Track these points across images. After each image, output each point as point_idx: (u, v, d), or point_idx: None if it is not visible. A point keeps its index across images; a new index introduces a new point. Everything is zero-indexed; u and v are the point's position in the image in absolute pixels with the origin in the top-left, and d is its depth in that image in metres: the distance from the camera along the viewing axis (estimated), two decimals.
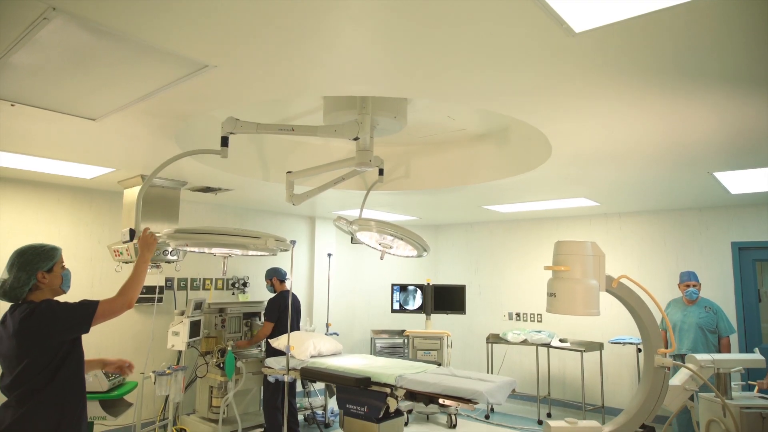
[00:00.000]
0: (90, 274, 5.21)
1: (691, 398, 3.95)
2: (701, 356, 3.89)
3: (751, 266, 5.63)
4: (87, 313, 2.23)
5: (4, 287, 2.23)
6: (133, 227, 2.59)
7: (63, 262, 2.40)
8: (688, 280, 5.05)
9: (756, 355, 3.98)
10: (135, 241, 2.61)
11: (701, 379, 3.53)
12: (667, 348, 3.33)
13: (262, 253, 3.20)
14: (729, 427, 3.55)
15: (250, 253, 3.22)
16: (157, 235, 2.63)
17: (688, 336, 4.94)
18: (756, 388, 4.06)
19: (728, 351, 4.73)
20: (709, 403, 3.79)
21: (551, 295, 3.15)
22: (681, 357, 4.96)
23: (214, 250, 3.23)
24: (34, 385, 2.13)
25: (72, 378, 2.23)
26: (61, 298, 2.34)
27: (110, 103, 2.73)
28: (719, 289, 5.61)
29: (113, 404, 3.79)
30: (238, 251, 3.21)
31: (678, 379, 3.70)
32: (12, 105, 2.72)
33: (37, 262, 2.27)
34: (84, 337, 5.03)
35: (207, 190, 5.24)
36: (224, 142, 2.91)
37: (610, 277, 3.22)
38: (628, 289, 3.31)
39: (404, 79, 2.38)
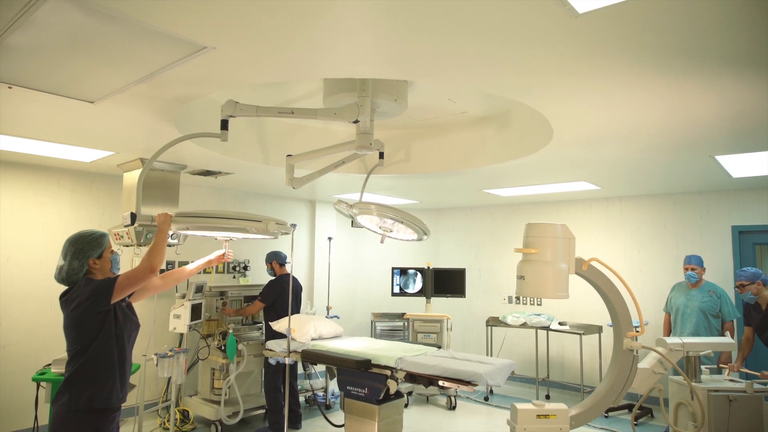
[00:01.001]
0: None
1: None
2: (671, 339, 3.90)
3: (751, 250, 5.64)
4: (106, 286, 2.36)
5: (61, 274, 2.45)
6: (133, 211, 2.64)
7: (111, 246, 2.57)
8: (688, 263, 5.04)
9: (726, 339, 4.00)
10: (136, 225, 2.66)
11: (669, 362, 3.54)
12: (637, 331, 3.31)
13: (263, 236, 3.21)
14: (696, 410, 3.58)
15: (251, 236, 3.23)
16: (147, 215, 2.72)
17: (690, 320, 4.95)
18: (726, 371, 4.09)
19: (732, 335, 4.73)
20: (678, 386, 3.82)
21: (520, 277, 3.14)
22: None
23: (215, 234, 3.24)
24: (75, 357, 2.34)
25: (102, 351, 2.36)
26: None
27: (108, 86, 2.71)
28: (719, 272, 5.62)
29: None
30: (239, 235, 3.22)
31: (647, 362, 3.71)
32: (9, 87, 2.70)
33: (88, 250, 2.45)
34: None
35: (207, 173, 5.23)
36: (224, 125, 2.90)
37: (580, 259, 3.20)
38: (598, 272, 3.29)
39: (405, 60, 2.36)
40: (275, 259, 5.33)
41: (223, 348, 5.02)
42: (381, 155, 3.83)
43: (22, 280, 4.79)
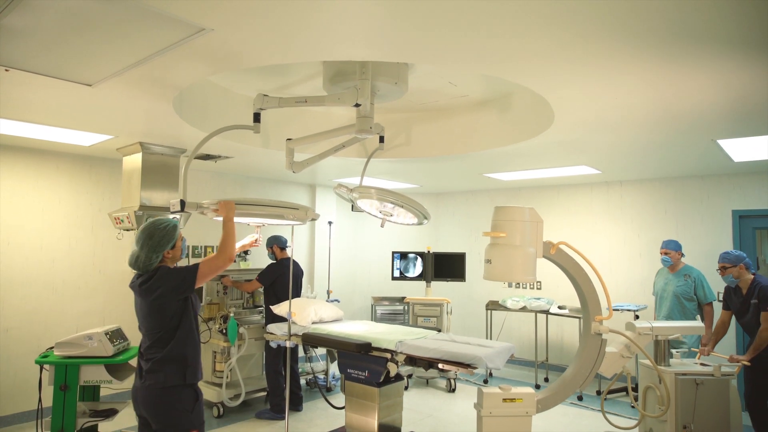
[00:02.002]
0: (92, 242, 5.23)
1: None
2: (640, 323, 3.91)
3: (751, 234, 5.64)
4: (189, 275, 2.56)
5: (137, 263, 2.57)
6: (181, 198, 2.72)
7: (181, 235, 2.74)
8: (663, 247, 5.05)
9: (695, 322, 4.02)
10: (184, 211, 2.75)
11: (637, 346, 3.56)
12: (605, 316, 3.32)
13: (297, 222, 3.37)
14: (663, 393, 3.61)
15: (284, 222, 3.39)
16: (194, 202, 2.82)
17: (665, 304, 5.00)
18: (698, 355, 4.11)
19: (710, 317, 4.72)
20: (647, 370, 3.85)
21: (487, 261, 3.13)
22: None
23: (254, 220, 3.35)
24: (160, 340, 2.55)
25: (189, 333, 2.61)
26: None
27: (106, 69, 2.69)
28: (718, 257, 5.63)
29: (118, 368, 3.86)
30: (275, 221, 3.36)
31: (615, 345, 3.73)
32: (6, 70, 2.67)
33: (165, 244, 2.61)
34: (88, 304, 5.07)
35: (207, 157, 5.21)
36: (256, 117, 2.96)
37: (548, 243, 3.19)
38: (567, 256, 3.28)
39: (405, 43, 2.33)
40: (276, 243, 5.34)
41: (224, 332, 5.05)
42: (381, 139, 3.81)
43: (23, 265, 4.80)
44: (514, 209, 3.10)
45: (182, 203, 2.68)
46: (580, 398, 5.63)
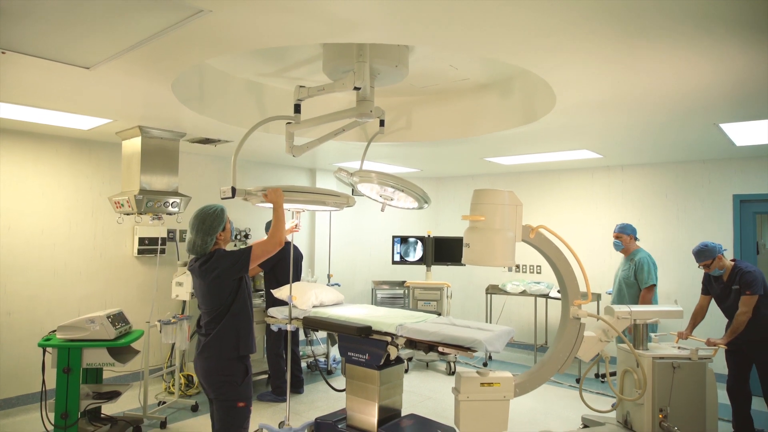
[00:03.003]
0: (92, 226, 5.23)
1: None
2: (618, 307, 3.93)
3: (751, 219, 5.63)
4: (244, 257, 2.78)
5: (195, 248, 2.80)
6: (232, 186, 2.89)
7: (228, 218, 2.95)
8: (615, 231, 5.03)
9: (674, 306, 4.03)
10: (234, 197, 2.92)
11: (614, 330, 3.57)
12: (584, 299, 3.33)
13: (335, 209, 3.51)
14: (640, 377, 3.64)
15: (324, 208, 3.56)
16: (242, 189, 3.00)
17: (614, 289, 5.08)
18: (676, 338, 4.13)
19: (648, 302, 4.70)
20: (625, 354, 3.87)
21: (466, 245, 3.11)
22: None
23: (296, 206, 3.50)
24: (217, 316, 2.78)
25: (242, 309, 2.83)
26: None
27: (104, 51, 2.66)
28: (718, 241, 5.63)
29: (120, 351, 3.89)
30: (315, 207, 3.51)
31: (593, 329, 3.74)
32: (3, 52, 2.65)
33: (217, 227, 2.83)
34: (90, 288, 5.10)
35: (206, 141, 5.19)
36: (297, 108, 3.05)
37: (528, 227, 3.16)
38: (547, 240, 3.26)
39: (405, 24, 2.30)
40: None
41: None
42: (382, 123, 3.79)
43: (24, 249, 4.81)
44: (493, 192, 3.07)
45: (233, 190, 2.86)
46: (577, 380, 5.67)
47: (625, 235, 4.95)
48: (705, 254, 4.01)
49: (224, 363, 2.76)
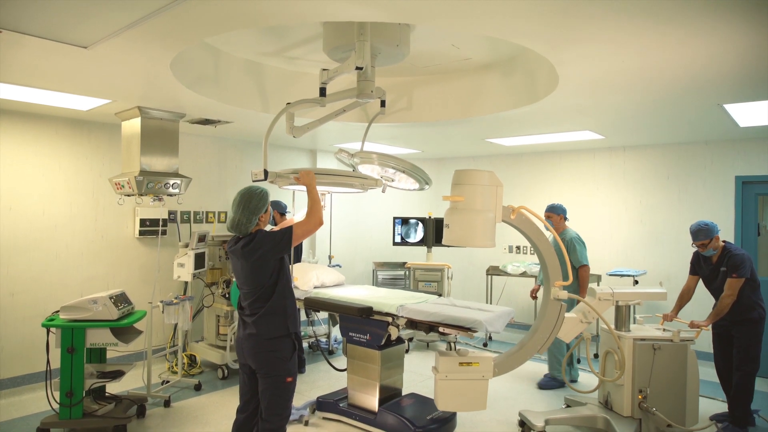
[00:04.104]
0: (93, 207, 5.23)
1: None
2: (600, 289, 3.93)
3: (753, 200, 5.62)
4: (286, 237, 2.81)
5: (239, 226, 2.83)
6: (264, 168, 2.91)
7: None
8: (545, 210, 5.02)
9: (658, 288, 4.03)
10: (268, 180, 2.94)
11: (594, 311, 3.58)
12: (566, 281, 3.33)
13: (360, 191, 3.58)
14: (621, 358, 3.66)
15: (350, 190, 3.61)
16: (274, 172, 3.03)
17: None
18: (661, 320, 4.14)
19: (587, 280, 4.79)
20: (607, 335, 3.88)
21: (446, 226, 3.10)
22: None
23: (325, 188, 3.51)
24: (263, 295, 2.83)
25: (286, 287, 2.89)
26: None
27: (101, 30, 2.63)
28: (719, 222, 5.63)
29: (123, 332, 3.92)
30: (340, 189, 3.55)
31: (575, 310, 3.75)
32: None
33: (260, 208, 2.86)
34: (92, 269, 5.11)
35: (206, 122, 5.16)
36: (322, 92, 3.07)
37: (509, 207, 3.14)
38: (528, 221, 3.24)
39: (406, 1, 2.27)
40: (276, 209, 5.34)
41: (227, 296, 5.11)
42: (383, 103, 3.75)
43: (26, 230, 4.82)
44: (473, 172, 3.04)
45: (265, 173, 2.89)
46: (578, 361, 5.73)
47: (555, 215, 4.95)
48: (704, 233, 3.93)
49: (274, 341, 2.82)
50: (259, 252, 2.79)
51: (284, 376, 2.84)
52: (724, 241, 4.02)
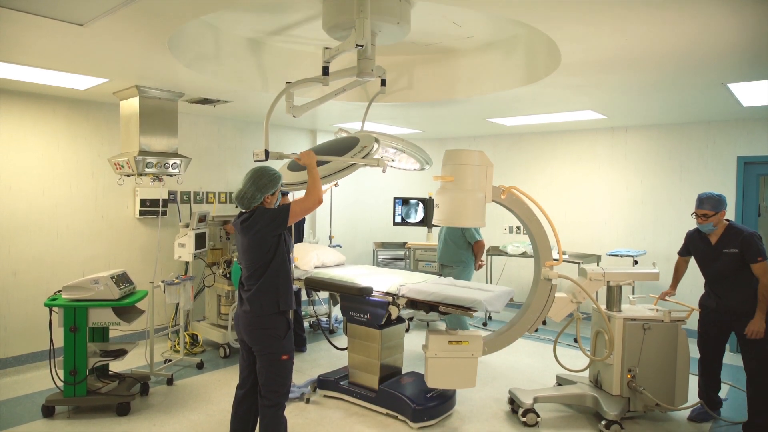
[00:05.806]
0: (93, 187, 5.22)
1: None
2: (591, 268, 3.92)
3: (754, 181, 5.60)
4: (283, 214, 2.84)
5: (244, 198, 2.86)
6: (265, 149, 2.90)
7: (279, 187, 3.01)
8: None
9: (651, 269, 4.02)
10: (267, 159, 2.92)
11: (584, 291, 3.58)
12: (555, 260, 3.33)
13: (362, 165, 3.56)
14: (611, 337, 3.68)
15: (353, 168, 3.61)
16: (276, 152, 3.00)
17: (440, 246, 5.48)
18: (655, 300, 4.13)
19: (482, 252, 5.29)
20: (598, 315, 3.90)
21: (436, 206, 3.10)
22: (441, 266, 5.45)
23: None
24: (257, 271, 2.85)
25: (281, 266, 2.89)
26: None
27: (97, 7, 2.59)
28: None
29: (125, 311, 3.95)
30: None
31: (565, 290, 3.75)
32: None
33: (268, 187, 2.88)
34: (93, 249, 5.12)
35: (205, 101, 5.11)
36: (325, 71, 3.04)
37: (499, 187, 3.14)
38: (519, 201, 3.23)
39: None
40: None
41: (228, 276, 5.13)
42: (383, 82, 3.72)
43: (26, 210, 4.82)
44: (464, 152, 3.03)
45: (266, 153, 2.88)
46: (575, 340, 5.77)
47: None
48: (711, 203, 3.59)
49: (266, 318, 2.85)
50: (256, 227, 2.82)
51: (279, 354, 2.86)
52: (727, 220, 3.68)
